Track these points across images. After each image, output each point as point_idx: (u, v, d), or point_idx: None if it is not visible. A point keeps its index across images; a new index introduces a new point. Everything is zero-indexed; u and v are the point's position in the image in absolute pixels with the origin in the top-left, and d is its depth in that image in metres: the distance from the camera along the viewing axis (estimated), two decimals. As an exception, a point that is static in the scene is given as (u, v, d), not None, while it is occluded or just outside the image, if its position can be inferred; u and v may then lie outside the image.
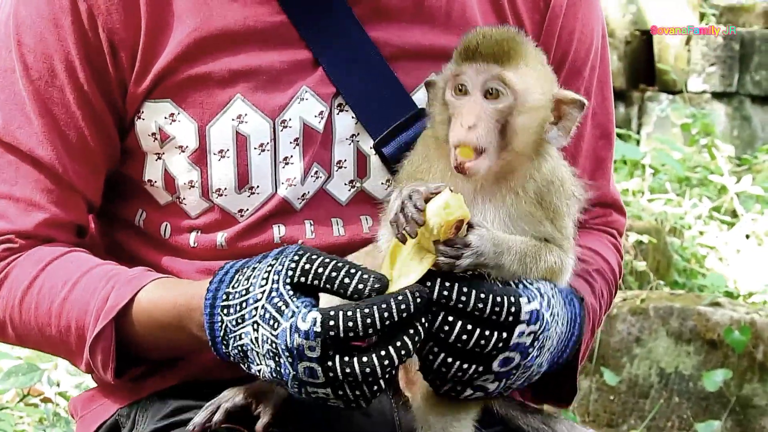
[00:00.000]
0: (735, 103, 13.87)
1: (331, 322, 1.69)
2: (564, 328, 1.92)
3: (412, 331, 1.72)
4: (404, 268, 1.76)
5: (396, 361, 1.72)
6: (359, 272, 1.74)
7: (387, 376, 1.73)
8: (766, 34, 13.95)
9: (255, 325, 1.77)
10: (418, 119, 2.06)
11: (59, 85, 2.05)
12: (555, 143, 1.89)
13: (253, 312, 1.78)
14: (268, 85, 2.05)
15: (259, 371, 1.81)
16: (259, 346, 1.77)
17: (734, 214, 9.29)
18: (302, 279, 1.75)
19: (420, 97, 2.08)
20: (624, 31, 14.02)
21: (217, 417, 1.94)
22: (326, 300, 1.78)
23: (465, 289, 1.75)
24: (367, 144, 2.10)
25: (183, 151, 2.07)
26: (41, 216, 2.08)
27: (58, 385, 4.67)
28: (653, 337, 5.14)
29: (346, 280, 1.73)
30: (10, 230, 2.08)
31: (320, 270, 1.74)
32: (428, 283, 1.74)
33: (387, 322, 1.69)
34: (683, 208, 9.16)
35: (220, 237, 2.11)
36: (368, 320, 1.68)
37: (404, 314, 1.70)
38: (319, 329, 1.69)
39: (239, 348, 1.82)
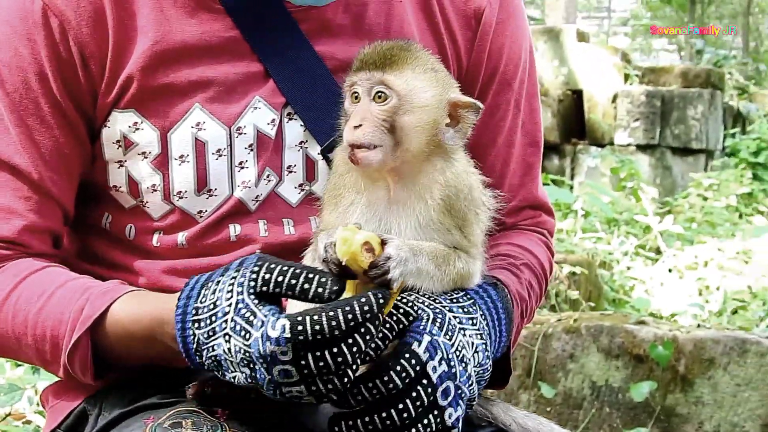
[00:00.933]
0: (657, 154, 14.09)
1: (299, 327, 1.64)
2: (484, 321, 1.89)
3: (374, 318, 1.69)
4: None
5: (363, 347, 1.68)
6: (317, 276, 1.70)
7: (355, 365, 1.69)
8: (683, 93, 14.21)
9: (227, 337, 1.73)
10: None
11: (33, 97, 2.02)
12: (452, 143, 1.85)
13: (224, 325, 1.74)
14: (224, 95, 2.04)
15: (234, 378, 1.76)
16: (232, 355, 1.73)
17: (658, 250, 9.40)
18: (264, 288, 1.72)
19: None
20: (557, 91, 14.21)
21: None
22: (295, 303, 1.77)
23: (371, 384, 1.73)
24: (315, 150, 2.09)
25: (146, 157, 2.05)
26: (20, 223, 2.04)
27: (38, 404, 4.60)
28: (585, 353, 5.14)
29: (306, 286, 1.70)
30: None
31: (280, 279, 1.71)
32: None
33: (351, 323, 1.65)
34: (612, 245, 9.25)
35: (181, 237, 2.08)
36: (333, 322, 1.64)
37: (368, 315, 1.66)
38: (288, 335, 1.64)
39: (213, 358, 1.77)
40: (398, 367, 1.72)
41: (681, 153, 14.17)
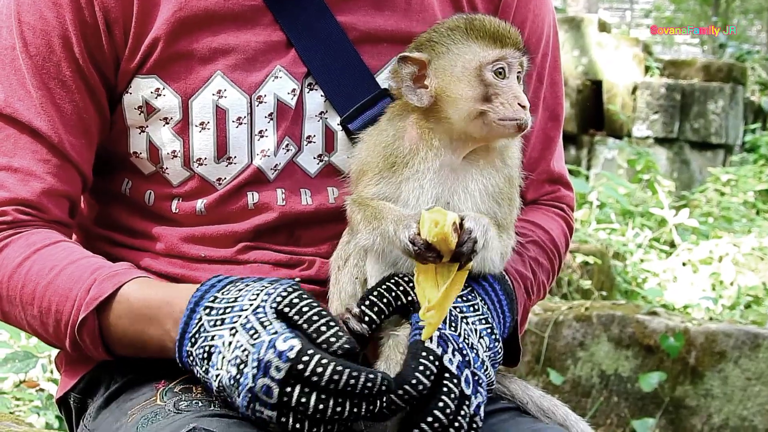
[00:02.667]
0: (675, 148, 14.05)
1: (305, 358, 1.70)
2: (485, 306, 1.96)
3: (371, 406, 1.73)
4: (441, 278, 1.81)
5: (345, 416, 1.72)
6: (335, 329, 1.76)
7: (330, 425, 1.74)
8: (704, 87, 14.15)
9: (232, 330, 1.78)
10: (383, 98, 2.09)
11: (56, 61, 2.06)
12: None
13: (235, 318, 1.79)
14: (246, 64, 2.08)
15: (217, 376, 1.79)
16: (228, 350, 1.77)
17: (672, 244, 9.39)
18: (286, 309, 1.77)
19: (384, 78, 2.11)
20: (576, 81, 14.17)
21: None
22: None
23: (401, 391, 1.76)
24: (335, 121, 2.12)
25: (167, 123, 2.09)
26: (39, 186, 2.07)
27: (51, 372, 4.67)
28: (595, 341, 5.17)
29: (323, 329, 1.75)
30: (7, 199, 2.06)
31: (304, 309, 1.77)
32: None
33: (348, 388, 1.70)
34: (626, 237, 9.26)
35: (200, 203, 2.12)
36: (335, 377, 1.69)
37: (366, 391, 1.70)
38: (293, 356, 1.70)
39: (206, 348, 1.81)
40: (421, 367, 1.77)
41: (699, 147, 14.13)
